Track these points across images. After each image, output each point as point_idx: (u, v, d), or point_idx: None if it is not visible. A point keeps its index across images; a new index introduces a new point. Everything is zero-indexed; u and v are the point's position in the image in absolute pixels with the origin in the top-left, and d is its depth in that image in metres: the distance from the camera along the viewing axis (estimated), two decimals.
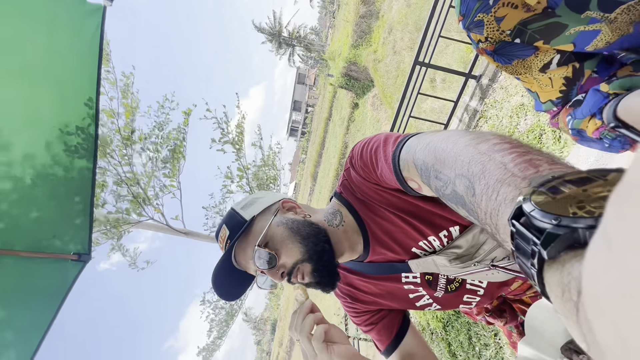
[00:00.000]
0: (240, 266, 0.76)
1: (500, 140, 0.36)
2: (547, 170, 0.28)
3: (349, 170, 0.75)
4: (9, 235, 1.24)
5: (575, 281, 0.18)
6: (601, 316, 0.13)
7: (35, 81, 1.19)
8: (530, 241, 0.22)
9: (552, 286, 0.20)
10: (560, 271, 0.19)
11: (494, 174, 0.31)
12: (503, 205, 0.28)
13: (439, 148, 0.43)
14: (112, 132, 5.30)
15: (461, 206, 0.37)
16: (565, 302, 0.18)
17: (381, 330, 0.86)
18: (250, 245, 0.73)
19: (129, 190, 5.32)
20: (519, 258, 0.24)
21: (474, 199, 0.33)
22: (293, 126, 43.23)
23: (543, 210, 0.22)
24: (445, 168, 0.39)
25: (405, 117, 3.72)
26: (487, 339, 2.28)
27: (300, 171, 28.18)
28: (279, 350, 20.54)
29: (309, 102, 35.42)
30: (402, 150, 0.53)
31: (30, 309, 1.29)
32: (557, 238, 0.20)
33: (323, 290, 0.73)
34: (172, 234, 6.05)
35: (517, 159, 0.31)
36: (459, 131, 0.44)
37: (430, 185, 0.44)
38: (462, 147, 0.38)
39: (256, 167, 6.90)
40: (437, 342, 2.89)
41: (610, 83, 0.53)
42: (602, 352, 0.14)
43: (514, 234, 0.24)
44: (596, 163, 1.64)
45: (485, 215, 0.31)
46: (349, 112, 11.46)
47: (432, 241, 0.76)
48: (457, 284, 0.83)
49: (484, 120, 3.13)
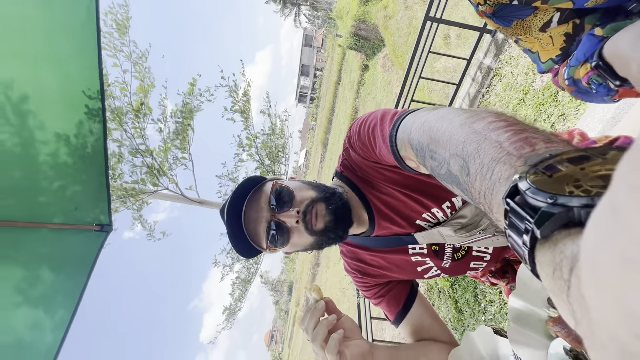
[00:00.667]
0: (250, 224, 0.73)
1: (495, 118, 0.35)
2: (543, 148, 0.27)
3: (348, 150, 0.75)
4: (39, 209, 1.34)
5: (567, 259, 0.18)
6: (599, 286, 0.13)
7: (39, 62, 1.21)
8: (523, 219, 0.22)
9: (543, 265, 0.20)
10: (552, 250, 0.19)
11: (489, 153, 0.31)
12: (498, 184, 0.28)
13: (434, 127, 0.42)
14: (125, 104, 5.35)
15: (456, 186, 0.37)
16: (555, 280, 0.18)
17: (390, 302, 0.88)
18: (264, 193, 0.73)
19: (143, 161, 5.47)
20: (511, 237, 0.24)
21: (468, 179, 0.33)
22: (302, 92, 42.17)
23: (538, 188, 0.21)
24: (440, 148, 0.39)
25: (415, 78, 3.57)
26: (493, 295, 2.37)
27: (310, 138, 27.94)
28: (296, 309, 21.85)
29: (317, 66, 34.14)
30: (399, 130, 0.52)
31: (67, 274, 1.42)
32: (551, 217, 0.20)
33: (336, 236, 0.73)
34: (187, 203, 6.28)
35: (513, 137, 0.30)
36: (454, 109, 0.43)
37: (426, 165, 0.44)
38: (457, 126, 0.37)
39: (265, 136, 6.88)
40: (444, 300, 3.02)
41: (604, 27, 0.50)
42: (592, 328, 0.14)
43: (507, 212, 0.24)
44: (612, 121, 1.57)
45: (479, 194, 0.31)
46: (359, 75, 11.03)
47: (436, 213, 0.77)
48: (464, 251, 0.84)
49: (497, 78, 2.98)
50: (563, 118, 2.09)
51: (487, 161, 0.30)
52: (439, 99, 4.43)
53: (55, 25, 1.23)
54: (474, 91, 3.41)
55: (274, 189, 0.73)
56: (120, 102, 5.28)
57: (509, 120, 0.34)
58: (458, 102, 3.66)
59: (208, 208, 6.66)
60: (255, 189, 0.75)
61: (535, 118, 2.32)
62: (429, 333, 0.85)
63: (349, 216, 0.73)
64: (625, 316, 0.11)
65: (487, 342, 0.75)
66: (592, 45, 0.50)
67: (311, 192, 0.74)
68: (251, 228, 0.74)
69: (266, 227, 0.73)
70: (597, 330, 0.14)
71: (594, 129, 1.66)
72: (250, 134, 6.42)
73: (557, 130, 2.11)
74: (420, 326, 0.86)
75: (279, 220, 0.72)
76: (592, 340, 0.14)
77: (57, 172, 1.40)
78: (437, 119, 0.43)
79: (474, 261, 0.87)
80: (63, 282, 1.42)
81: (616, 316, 0.12)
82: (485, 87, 3.20)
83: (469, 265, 0.87)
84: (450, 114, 0.41)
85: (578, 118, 1.94)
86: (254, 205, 0.73)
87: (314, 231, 0.71)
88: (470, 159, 0.33)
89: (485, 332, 0.75)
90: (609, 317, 0.12)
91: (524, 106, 2.49)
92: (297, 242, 0.74)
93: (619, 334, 0.12)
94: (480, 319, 2.43)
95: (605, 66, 0.47)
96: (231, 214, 0.72)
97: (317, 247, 0.76)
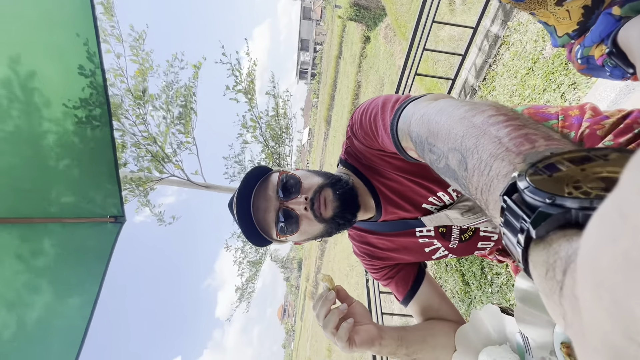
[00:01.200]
0: (259, 214, 0.74)
1: (495, 112, 0.34)
2: (543, 146, 0.27)
3: (351, 138, 0.75)
4: (49, 205, 1.37)
5: (561, 260, 0.18)
6: (597, 287, 0.13)
7: (36, 55, 1.19)
8: (519, 218, 0.22)
9: (537, 265, 0.20)
10: (546, 250, 0.19)
11: (487, 149, 0.30)
12: (495, 180, 0.28)
13: (433, 120, 0.41)
14: (124, 92, 5.26)
15: (454, 180, 0.37)
16: (548, 281, 0.18)
17: (398, 283, 0.90)
18: (272, 183, 0.74)
19: (147, 149, 5.45)
20: (505, 235, 0.24)
21: (466, 174, 0.33)
22: (302, 68, 41.10)
23: (537, 188, 0.21)
24: (439, 141, 0.39)
25: (420, 48, 3.43)
26: (499, 268, 2.41)
27: (313, 116, 27.54)
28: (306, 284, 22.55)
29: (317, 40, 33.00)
30: (400, 120, 0.52)
31: (86, 266, 1.48)
32: (548, 217, 0.20)
33: (345, 221, 0.74)
34: (194, 188, 6.33)
35: (513, 133, 0.30)
36: (454, 101, 0.42)
37: (425, 158, 0.43)
38: (457, 119, 0.37)
39: (269, 117, 6.78)
40: (451, 273, 3.09)
41: (623, 6, 0.47)
42: (584, 330, 0.14)
43: (503, 209, 0.24)
44: (625, 89, 1.52)
45: (476, 190, 0.31)
46: (360, 48, 10.66)
47: (442, 196, 0.77)
48: (471, 232, 0.86)
49: (505, 47, 2.87)
50: (574, 87, 2.02)
51: (486, 157, 0.30)
52: (444, 70, 4.29)
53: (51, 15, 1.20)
54: (480, 61, 3.29)
55: (281, 178, 0.74)
56: (118, 89, 5.18)
57: (509, 114, 0.33)
58: (464, 74, 3.54)
59: (215, 192, 6.73)
60: (263, 180, 0.76)
61: (545, 88, 2.25)
62: (437, 312, 0.88)
63: (356, 200, 0.74)
64: (622, 319, 0.11)
65: (494, 320, 0.77)
66: (609, 25, 0.48)
67: (317, 178, 0.74)
68: (260, 218, 0.75)
69: (275, 216, 0.74)
70: (588, 333, 0.13)
71: (606, 98, 1.61)
72: (255, 115, 6.33)
73: (567, 100, 2.05)
74: (428, 306, 0.89)
75: (287, 208, 0.73)
76: (583, 343, 0.14)
77: (66, 167, 1.42)
78: (436, 112, 0.42)
79: (481, 241, 0.88)
80: (83, 274, 1.48)
81: (612, 319, 0.12)
82: (492, 57, 3.08)
83: (476, 246, 0.89)
84: (450, 106, 0.41)
85: (589, 87, 1.87)
86: (262, 194, 0.74)
87: (322, 219, 0.72)
88: (468, 154, 0.32)
89: (492, 311, 0.77)
90: (603, 320, 0.12)
91: (532, 76, 2.41)
92: (307, 230, 0.75)
93: (612, 337, 0.12)
94: (487, 291, 2.49)
95: (619, 54, 0.45)
96: (240, 205, 0.73)
97: (327, 234, 0.77)
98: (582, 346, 0.14)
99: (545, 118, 0.75)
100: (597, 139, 0.67)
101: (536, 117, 0.75)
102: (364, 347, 0.67)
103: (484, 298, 2.51)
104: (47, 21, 1.20)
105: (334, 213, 0.72)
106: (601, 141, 0.66)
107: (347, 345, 0.65)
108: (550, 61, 2.24)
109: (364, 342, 0.66)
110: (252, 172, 0.76)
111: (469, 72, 3.46)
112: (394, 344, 0.72)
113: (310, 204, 0.71)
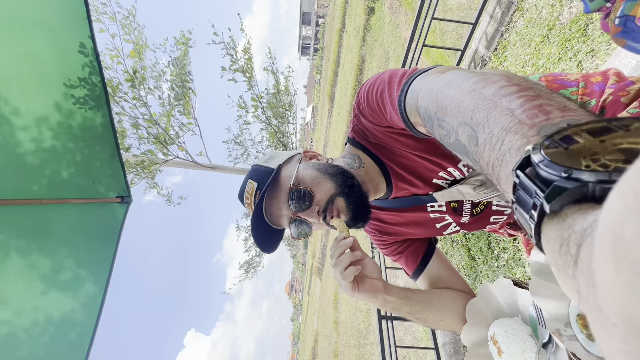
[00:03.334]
0: (272, 219, 0.76)
1: (507, 83, 0.32)
2: (559, 117, 0.25)
3: (359, 116, 0.72)
4: (54, 187, 1.37)
5: (575, 235, 0.17)
6: (617, 260, 0.12)
7: (29, 33, 1.14)
8: (533, 193, 0.21)
9: (550, 239, 0.20)
10: (560, 225, 0.19)
11: (499, 122, 0.29)
12: (507, 155, 0.26)
13: (441, 94, 0.39)
14: (121, 73, 5.16)
15: (465, 155, 0.35)
16: (562, 256, 0.18)
17: (408, 257, 0.90)
18: (282, 191, 0.73)
19: (148, 131, 5.42)
20: (518, 210, 0.23)
21: (477, 149, 0.31)
22: (304, 43, 39.90)
23: (553, 161, 0.20)
24: (448, 116, 0.37)
25: (427, 19, 3.27)
26: (506, 243, 2.41)
27: (316, 93, 27.03)
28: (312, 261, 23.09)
29: (319, 13, 31.78)
30: (407, 95, 0.49)
31: (94, 249, 1.50)
32: (564, 192, 0.19)
33: (357, 224, 0.75)
34: (200, 169, 6.36)
35: (526, 104, 0.28)
36: (463, 73, 0.39)
37: (434, 133, 0.42)
38: (466, 92, 0.35)
39: (270, 95, 6.65)
40: (457, 249, 3.10)
41: None
42: (600, 304, 0.14)
43: (516, 184, 0.23)
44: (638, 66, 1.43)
45: (487, 165, 0.29)
46: (364, 20, 10.23)
47: (452, 171, 0.76)
48: (483, 206, 0.85)
49: (519, 13, 2.71)
50: (592, 54, 1.91)
51: (497, 130, 0.28)
52: (452, 42, 4.11)
53: None
54: (492, 30, 3.13)
55: (292, 192, 0.72)
56: (114, 71, 5.07)
57: (522, 84, 0.31)
58: (474, 44, 3.39)
59: (221, 172, 6.75)
60: (273, 184, 0.74)
61: (560, 57, 2.14)
62: (447, 285, 0.88)
63: (367, 208, 0.75)
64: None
65: (506, 293, 0.76)
66: None
67: (329, 184, 0.73)
68: (274, 220, 0.76)
69: (289, 224, 0.76)
70: (606, 306, 0.13)
71: (627, 65, 1.53)
72: (255, 94, 6.21)
73: (584, 68, 1.95)
74: (438, 279, 0.89)
75: (300, 217, 0.74)
76: (599, 317, 0.14)
77: (69, 149, 1.41)
78: (444, 85, 0.40)
79: (493, 215, 0.87)
80: (94, 254, 1.50)
81: (633, 290, 0.11)
82: (505, 25, 2.93)
83: (488, 220, 0.87)
84: (458, 78, 0.38)
85: (609, 54, 1.77)
86: (274, 202, 0.74)
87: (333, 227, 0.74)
88: (479, 128, 0.31)
89: (504, 284, 0.77)
90: (624, 292, 0.12)
91: (547, 44, 2.29)
92: (320, 230, 0.79)
93: (632, 310, 0.11)
94: (494, 266, 2.51)
95: None
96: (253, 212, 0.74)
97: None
98: (598, 320, 0.14)
99: (564, 85, 0.70)
100: (620, 107, 0.63)
101: (554, 84, 0.71)
102: (367, 295, 0.69)
103: (490, 272, 2.53)
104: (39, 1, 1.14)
105: (344, 218, 0.73)
106: (625, 109, 0.63)
107: (350, 287, 0.67)
108: (567, 27, 2.12)
109: (367, 290, 0.69)
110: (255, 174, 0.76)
111: (479, 42, 3.30)
112: (397, 301, 0.74)
113: (322, 216, 0.73)
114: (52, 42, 1.20)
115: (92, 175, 1.48)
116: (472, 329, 0.78)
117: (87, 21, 1.17)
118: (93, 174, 1.49)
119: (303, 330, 29.33)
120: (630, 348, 0.12)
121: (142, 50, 5.23)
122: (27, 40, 1.15)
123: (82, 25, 1.21)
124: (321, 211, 0.72)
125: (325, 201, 0.72)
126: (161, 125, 5.58)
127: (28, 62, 1.18)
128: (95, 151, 1.47)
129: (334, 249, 0.69)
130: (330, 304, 13.01)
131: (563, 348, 0.59)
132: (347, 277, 0.66)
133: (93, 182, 1.49)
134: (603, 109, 0.65)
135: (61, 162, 1.41)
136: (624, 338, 0.12)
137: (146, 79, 5.41)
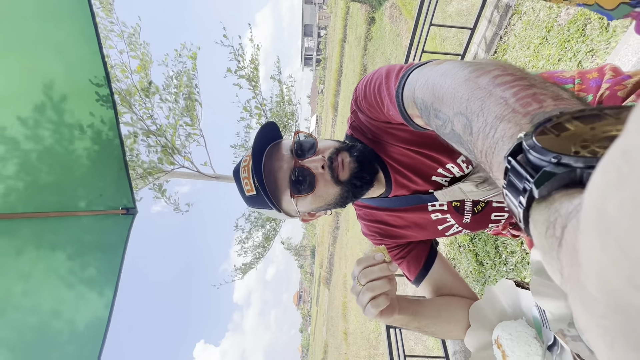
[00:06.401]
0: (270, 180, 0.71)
1: (501, 72, 0.32)
2: (551, 105, 0.26)
3: (356, 112, 0.72)
4: (62, 199, 1.40)
5: (561, 217, 0.18)
6: (601, 235, 0.12)
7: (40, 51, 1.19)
8: (523, 178, 0.21)
9: (537, 223, 0.20)
10: (547, 209, 0.19)
11: (493, 110, 0.29)
12: (500, 142, 0.27)
13: (437, 84, 0.39)
14: (130, 86, 5.32)
15: (460, 145, 0.35)
16: (547, 239, 0.18)
17: (410, 262, 0.88)
18: (284, 145, 0.73)
19: (157, 140, 5.54)
20: (508, 196, 0.24)
21: (471, 138, 0.31)
22: (307, 54, 40.48)
23: (544, 147, 0.20)
24: (444, 106, 0.37)
25: (426, 26, 3.31)
26: (514, 247, 2.37)
27: (320, 103, 27.25)
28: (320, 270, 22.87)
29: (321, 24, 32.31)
30: (405, 87, 0.49)
31: (100, 261, 1.52)
32: (552, 177, 0.19)
33: (363, 183, 0.71)
34: (204, 179, 6.41)
35: (520, 93, 0.28)
36: (458, 63, 0.40)
37: (431, 124, 0.42)
38: (461, 82, 0.35)
39: (274, 104, 6.73)
40: (464, 254, 3.05)
41: None
42: (583, 281, 0.14)
43: (507, 170, 0.23)
44: None
45: (480, 153, 0.30)
46: (365, 30, 10.37)
47: (451, 168, 0.75)
48: (484, 204, 0.83)
49: (517, 16, 2.73)
50: (592, 54, 1.91)
51: (491, 119, 0.29)
52: (453, 47, 4.14)
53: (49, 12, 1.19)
54: (490, 34, 3.15)
55: (297, 137, 0.71)
56: (124, 84, 5.25)
57: (516, 74, 0.32)
58: (473, 49, 3.41)
59: (225, 182, 6.80)
60: (275, 143, 0.74)
61: (560, 57, 2.14)
62: (450, 290, 0.86)
63: (373, 162, 0.72)
64: (628, 265, 0.11)
65: (509, 294, 0.75)
66: None
67: (333, 142, 0.73)
68: (272, 180, 0.71)
69: (289, 174, 0.70)
70: (588, 282, 0.13)
71: (627, 63, 1.52)
72: (259, 102, 6.30)
73: (585, 68, 1.94)
74: (441, 284, 0.87)
75: (303, 167, 0.70)
76: (581, 293, 0.14)
77: (77, 162, 1.44)
78: (440, 75, 0.40)
79: (494, 212, 0.85)
80: (101, 266, 1.52)
81: (616, 265, 0.11)
82: (503, 29, 2.95)
83: (490, 218, 0.86)
84: (454, 68, 0.39)
85: (608, 53, 1.76)
86: (275, 155, 0.71)
87: (339, 181, 0.70)
88: (473, 117, 0.31)
89: (506, 286, 0.75)
90: (607, 268, 0.12)
91: (546, 45, 2.29)
92: (322, 194, 0.71)
93: (615, 285, 0.11)
94: (502, 270, 2.46)
95: None
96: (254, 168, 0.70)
97: (341, 201, 0.74)
98: (579, 297, 0.14)
99: (559, 83, 0.70)
100: (618, 100, 0.63)
101: (550, 81, 0.71)
102: (385, 317, 0.64)
103: (499, 277, 2.48)
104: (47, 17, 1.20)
105: (351, 174, 0.69)
106: (622, 102, 0.62)
107: (374, 313, 0.61)
108: (565, 28, 2.12)
109: (387, 313, 0.64)
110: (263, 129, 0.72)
111: (478, 46, 3.32)
112: (407, 318, 0.71)
113: (328, 162, 0.69)
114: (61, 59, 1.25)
115: (99, 188, 1.50)
116: (476, 333, 0.77)
117: (95, 38, 1.22)
118: (100, 187, 1.52)
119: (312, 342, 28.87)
120: (608, 323, 0.12)
121: (148, 65, 5.40)
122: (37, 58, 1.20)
123: (91, 43, 1.26)
124: (327, 158, 0.70)
125: (330, 151, 0.70)
126: (167, 137, 5.69)
127: (38, 77, 1.23)
128: (104, 164, 1.50)
129: (368, 269, 0.62)
130: (339, 314, 12.82)
131: (568, 350, 0.58)
132: (379, 306, 0.61)
133: (100, 195, 1.51)
134: (600, 104, 0.64)
135: (70, 176, 1.44)
136: (603, 313, 0.12)
137: (159, 90, 5.57)
